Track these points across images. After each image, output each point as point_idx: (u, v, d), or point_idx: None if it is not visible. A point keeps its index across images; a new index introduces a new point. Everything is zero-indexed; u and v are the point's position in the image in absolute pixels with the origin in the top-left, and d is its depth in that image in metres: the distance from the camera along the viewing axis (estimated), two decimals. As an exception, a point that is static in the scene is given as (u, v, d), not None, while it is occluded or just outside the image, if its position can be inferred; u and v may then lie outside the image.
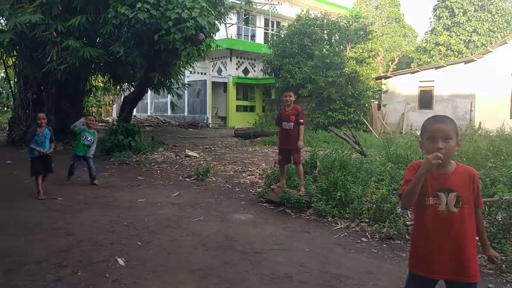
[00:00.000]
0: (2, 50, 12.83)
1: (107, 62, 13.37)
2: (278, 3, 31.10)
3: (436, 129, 2.24)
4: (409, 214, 5.58)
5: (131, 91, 15.52)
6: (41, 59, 12.25)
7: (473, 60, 20.06)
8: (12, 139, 14.78)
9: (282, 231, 5.33)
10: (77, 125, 8.28)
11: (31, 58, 12.89)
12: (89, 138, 8.21)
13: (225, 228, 5.43)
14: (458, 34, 29.44)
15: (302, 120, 6.57)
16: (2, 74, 24.80)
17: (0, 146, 14.69)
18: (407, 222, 5.25)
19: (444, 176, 2.27)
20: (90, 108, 28.06)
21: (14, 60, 14.65)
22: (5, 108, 30.30)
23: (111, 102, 34.66)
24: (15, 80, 16.24)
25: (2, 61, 15.58)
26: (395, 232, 5.01)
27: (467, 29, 29.24)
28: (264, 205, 6.70)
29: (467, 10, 29.24)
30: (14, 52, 13.79)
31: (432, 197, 2.26)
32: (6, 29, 12.49)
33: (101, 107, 34.20)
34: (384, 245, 4.83)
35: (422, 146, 2.35)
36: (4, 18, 13.02)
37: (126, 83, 17.53)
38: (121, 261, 4.13)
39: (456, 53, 29.11)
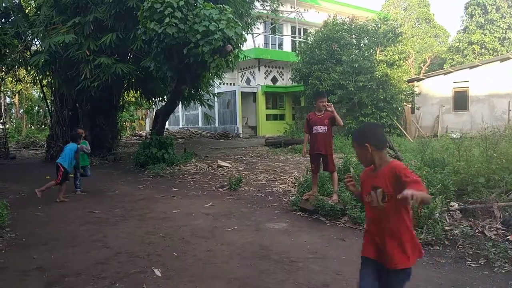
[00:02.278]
0: (37, 70, 13.32)
1: (138, 77, 13.68)
2: (305, 10, 31.09)
3: None
4: (447, 219, 5.40)
5: (163, 104, 15.79)
6: (76, 77, 12.66)
7: (509, 58, 19.39)
8: (50, 156, 15.26)
9: (317, 240, 5.25)
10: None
11: (66, 76, 13.36)
12: (85, 146, 8.65)
13: (260, 237, 5.40)
14: (492, 31, 28.59)
15: (341, 123, 6.51)
16: (39, 93, 25.72)
17: (39, 162, 15.21)
18: (446, 228, 5.08)
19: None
20: (124, 123, 28.74)
21: (50, 79, 15.19)
22: (43, 126, 31.42)
23: (143, 116, 35.38)
24: (51, 98, 16.83)
25: (38, 81, 16.15)
26: (434, 238, 4.85)
27: (501, 26, 28.36)
28: (298, 213, 6.63)
29: (501, 7, 28.39)
30: (49, 72, 14.32)
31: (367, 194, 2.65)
32: (41, 50, 12.98)
33: (134, 122, 34.97)
34: (422, 251, 4.68)
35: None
36: (38, 40, 13.54)
37: (157, 97, 17.86)
38: (157, 272, 4.17)
39: (491, 51, 28.25)
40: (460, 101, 20.63)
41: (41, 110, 32.88)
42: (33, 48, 15.10)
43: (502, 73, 19.16)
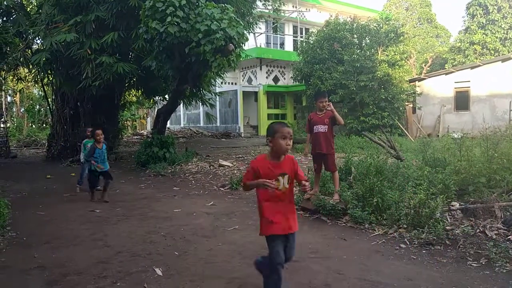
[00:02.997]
0: (39, 69, 13.32)
1: (140, 76, 13.69)
2: (307, 9, 31.08)
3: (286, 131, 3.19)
4: (448, 219, 5.40)
5: (164, 104, 15.80)
6: (77, 76, 12.67)
7: (510, 58, 19.36)
8: (52, 155, 15.28)
9: (318, 239, 5.25)
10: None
11: (67, 75, 13.37)
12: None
13: (261, 236, 5.38)
14: (494, 32, 28.57)
15: (342, 122, 6.48)
16: (41, 92, 25.75)
17: (40, 161, 15.23)
18: (447, 227, 5.07)
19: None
20: (125, 122, 28.76)
21: (51, 78, 15.19)
22: (44, 125, 31.46)
23: (145, 116, 35.40)
24: (53, 97, 16.85)
25: (39, 79, 16.17)
26: (435, 238, 4.84)
27: (502, 26, 28.35)
28: (299, 212, 6.60)
29: (502, 7, 28.37)
30: (51, 70, 14.33)
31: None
32: (42, 48, 12.99)
33: (135, 121, 35.00)
34: (424, 251, 4.68)
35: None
36: (40, 38, 13.54)
37: (159, 96, 17.86)
38: (158, 271, 4.17)
39: (492, 52, 28.23)
40: (462, 101, 20.60)
41: (42, 109, 32.93)
42: (35, 46, 15.14)
43: (504, 73, 19.13)
